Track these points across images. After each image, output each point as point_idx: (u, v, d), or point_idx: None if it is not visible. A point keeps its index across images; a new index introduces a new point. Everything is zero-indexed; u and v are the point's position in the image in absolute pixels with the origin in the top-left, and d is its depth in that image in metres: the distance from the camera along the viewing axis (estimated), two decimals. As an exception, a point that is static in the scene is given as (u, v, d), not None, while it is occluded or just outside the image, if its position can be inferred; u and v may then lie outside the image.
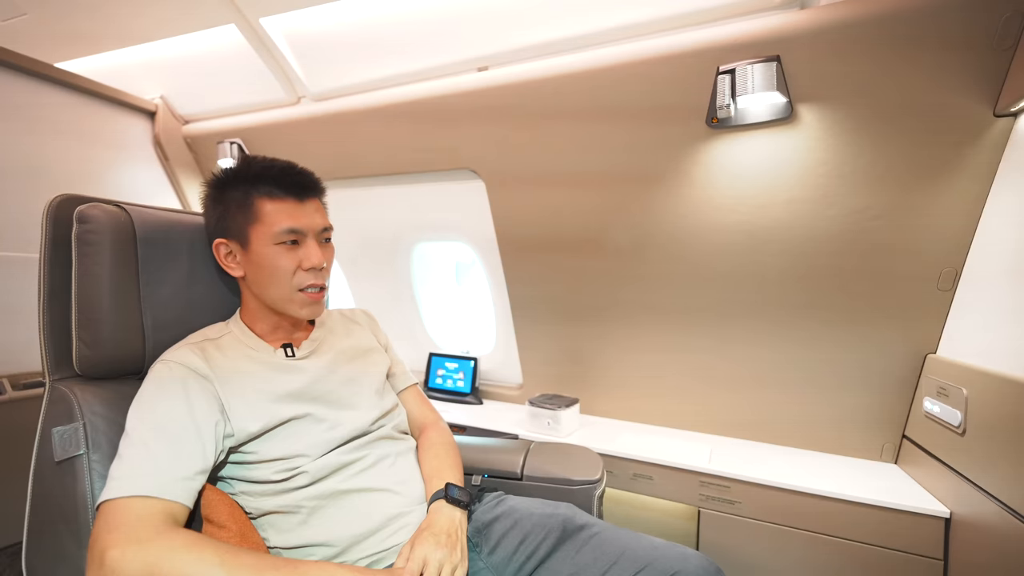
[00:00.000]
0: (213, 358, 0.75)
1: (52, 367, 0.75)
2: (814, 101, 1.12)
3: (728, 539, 1.27)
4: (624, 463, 1.39)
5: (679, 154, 1.29)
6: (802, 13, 1.07)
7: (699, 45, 1.14)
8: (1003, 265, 0.99)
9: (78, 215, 0.74)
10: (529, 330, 1.75)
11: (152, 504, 0.59)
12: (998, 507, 0.90)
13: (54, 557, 0.67)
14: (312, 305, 0.81)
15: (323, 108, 1.65)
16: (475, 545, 0.82)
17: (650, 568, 0.70)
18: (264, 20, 1.46)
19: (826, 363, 1.32)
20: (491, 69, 1.41)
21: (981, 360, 1.02)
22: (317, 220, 0.80)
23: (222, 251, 0.80)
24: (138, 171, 1.89)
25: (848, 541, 1.14)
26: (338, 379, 0.84)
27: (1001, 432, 0.91)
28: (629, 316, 1.55)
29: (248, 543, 0.68)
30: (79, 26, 1.57)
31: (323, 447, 0.76)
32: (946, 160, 1.06)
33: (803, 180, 1.19)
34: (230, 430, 0.71)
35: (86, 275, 0.73)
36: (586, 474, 0.99)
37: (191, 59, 1.68)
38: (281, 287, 0.78)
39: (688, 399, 1.55)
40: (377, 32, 1.42)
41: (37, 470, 0.69)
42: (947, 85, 1.01)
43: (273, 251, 0.76)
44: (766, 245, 1.28)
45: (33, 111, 1.54)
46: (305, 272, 0.78)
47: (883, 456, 1.32)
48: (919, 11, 0.97)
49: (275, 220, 0.76)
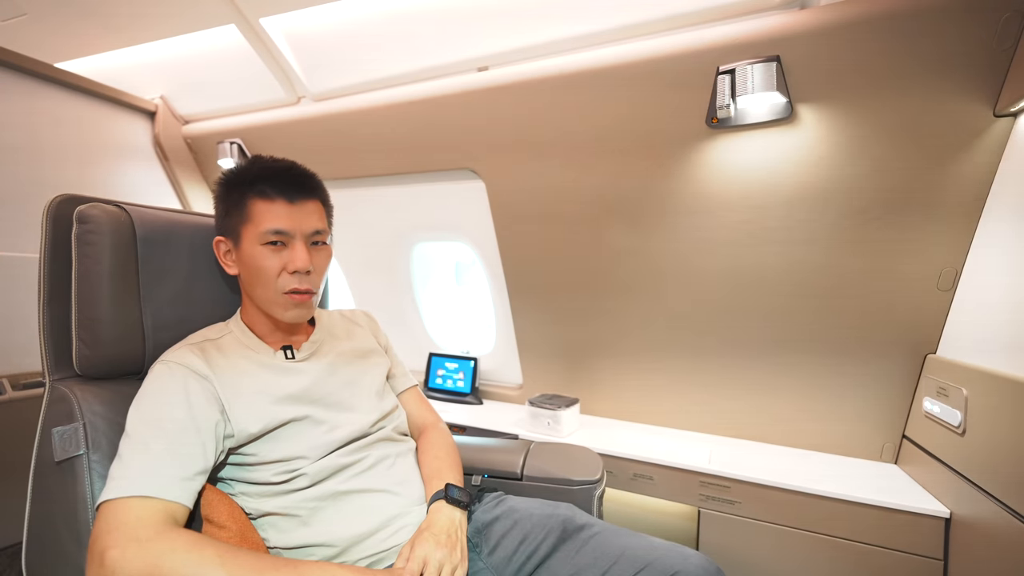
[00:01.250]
0: (213, 359, 0.75)
1: (52, 367, 0.75)
2: (814, 101, 1.12)
3: (728, 539, 1.27)
4: (624, 463, 1.39)
5: (679, 154, 1.29)
6: (802, 13, 1.07)
7: (699, 45, 1.14)
8: (1003, 265, 0.99)
9: (78, 215, 0.74)
10: (529, 330, 1.75)
11: (152, 504, 0.59)
12: (998, 507, 0.90)
13: (54, 557, 0.67)
14: (296, 308, 0.79)
15: (323, 108, 1.65)
16: (475, 545, 0.82)
17: (650, 568, 0.70)
18: (264, 20, 1.46)
19: (826, 363, 1.32)
20: (491, 69, 1.41)
21: (981, 360, 1.02)
22: (309, 223, 0.78)
23: (221, 249, 0.81)
24: (138, 171, 1.89)
25: (848, 541, 1.14)
26: (338, 381, 0.84)
27: (1001, 432, 0.91)
28: (629, 316, 1.55)
29: (248, 543, 0.68)
30: (79, 26, 1.57)
31: (323, 449, 0.76)
32: (946, 160, 1.06)
33: (803, 180, 1.19)
34: (230, 430, 0.71)
35: (86, 275, 0.73)
36: (586, 474, 0.99)
37: (191, 59, 1.68)
38: (266, 288, 0.77)
39: (688, 399, 1.55)
40: (377, 32, 1.42)
41: (37, 470, 0.69)
42: (947, 85, 1.01)
43: (259, 251, 0.76)
44: (766, 245, 1.29)
45: (33, 111, 1.54)
46: (290, 275, 0.77)
47: (883, 456, 1.32)
48: (919, 11, 0.97)
49: (262, 220, 0.75)
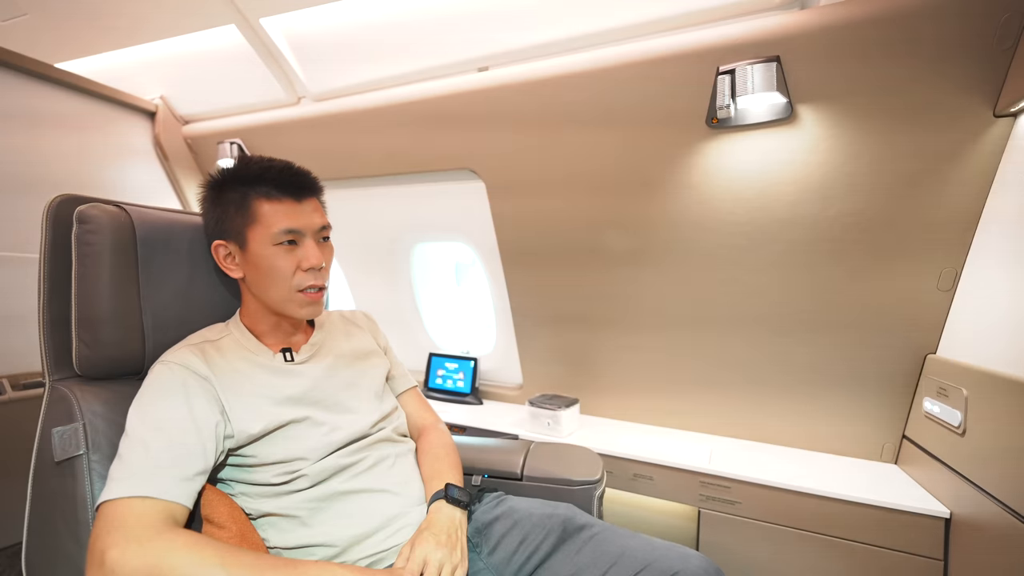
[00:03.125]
0: (213, 360, 0.75)
1: (52, 367, 0.75)
2: (814, 101, 1.12)
3: (728, 539, 1.27)
4: (624, 463, 1.39)
5: (679, 154, 1.29)
6: (802, 13, 1.07)
7: (699, 45, 1.14)
8: (1003, 265, 0.99)
9: (78, 215, 0.74)
10: (529, 330, 1.75)
11: (152, 505, 0.59)
12: (998, 507, 0.90)
13: (54, 557, 0.66)
14: (311, 305, 0.80)
15: (323, 108, 1.65)
16: (475, 545, 0.82)
17: (650, 568, 0.70)
18: (264, 20, 1.46)
19: (826, 363, 1.32)
20: (491, 69, 1.41)
21: (981, 360, 1.02)
22: (315, 220, 0.80)
23: (221, 253, 0.80)
24: (138, 171, 1.89)
25: (848, 541, 1.14)
26: (337, 383, 0.84)
27: (1001, 432, 0.91)
28: (629, 316, 1.55)
29: (248, 543, 0.68)
30: (79, 26, 1.57)
31: (322, 450, 0.76)
32: (946, 160, 1.06)
33: (803, 181, 1.19)
34: (230, 431, 0.71)
35: (86, 275, 0.73)
36: (586, 474, 0.99)
37: (191, 59, 1.68)
38: (280, 288, 0.78)
39: (688, 399, 1.55)
40: (377, 32, 1.42)
41: (37, 470, 0.69)
42: (947, 85, 1.01)
43: (271, 252, 0.76)
44: (766, 246, 1.29)
45: (33, 111, 1.54)
46: (304, 273, 0.78)
47: (883, 456, 1.32)
48: (919, 11, 0.97)
49: (273, 221, 0.76)
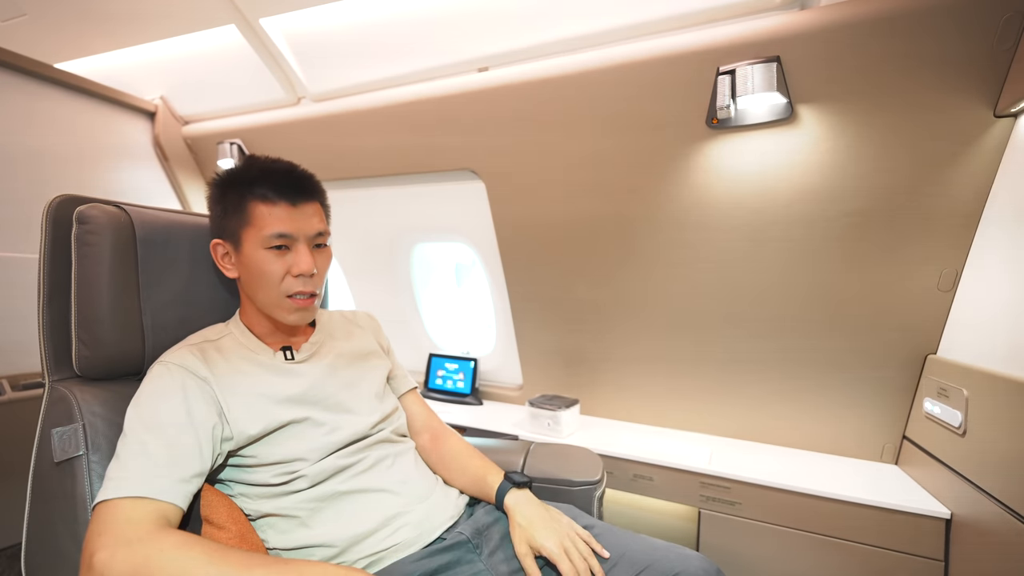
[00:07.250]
0: (212, 360, 0.74)
1: (52, 368, 0.75)
2: (814, 101, 1.12)
3: (728, 540, 1.26)
4: (624, 464, 1.38)
5: (679, 154, 1.29)
6: (802, 13, 1.07)
7: (699, 45, 1.14)
8: (1004, 265, 0.99)
9: (78, 215, 0.74)
10: (529, 331, 1.74)
11: (144, 505, 0.59)
12: (998, 508, 0.90)
13: (54, 557, 0.66)
14: (300, 312, 0.79)
15: (323, 108, 1.65)
16: (475, 547, 0.81)
17: (650, 569, 0.70)
18: (264, 20, 1.46)
19: (826, 364, 1.32)
20: (491, 70, 1.41)
21: (981, 360, 1.02)
22: (311, 225, 0.78)
23: (219, 252, 0.80)
24: (138, 171, 1.89)
25: (849, 542, 1.14)
26: (338, 383, 0.84)
27: (1001, 432, 0.91)
28: (629, 316, 1.55)
29: (248, 544, 0.68)
30: (79, 26, 1.57)
31: (322, 451, 0.76)
32: (946, 161, 1.06)
33: (803, 181, 1.19)
34: (228, 433, 0.71)
35: (86, 275, 0.73)
36: (586, 475, 0.99)
37: (191, 59, 1.68)
38: (269, 292, 0.76)
39: (688, 400, 1.55)
40: (377, 32, 1.42)
41: (37, 471, 0.69)
42: (947, 86, 1.01)
43: (262, 255, 0.75)
44: (766, 245, 1.28)
45: (33, 112, 1.54)
46: (294, 278, 0.76)
47: (883, 457, 1.32)
48: (919, 11, 0.97)
49: (265, 224, 0.75)
